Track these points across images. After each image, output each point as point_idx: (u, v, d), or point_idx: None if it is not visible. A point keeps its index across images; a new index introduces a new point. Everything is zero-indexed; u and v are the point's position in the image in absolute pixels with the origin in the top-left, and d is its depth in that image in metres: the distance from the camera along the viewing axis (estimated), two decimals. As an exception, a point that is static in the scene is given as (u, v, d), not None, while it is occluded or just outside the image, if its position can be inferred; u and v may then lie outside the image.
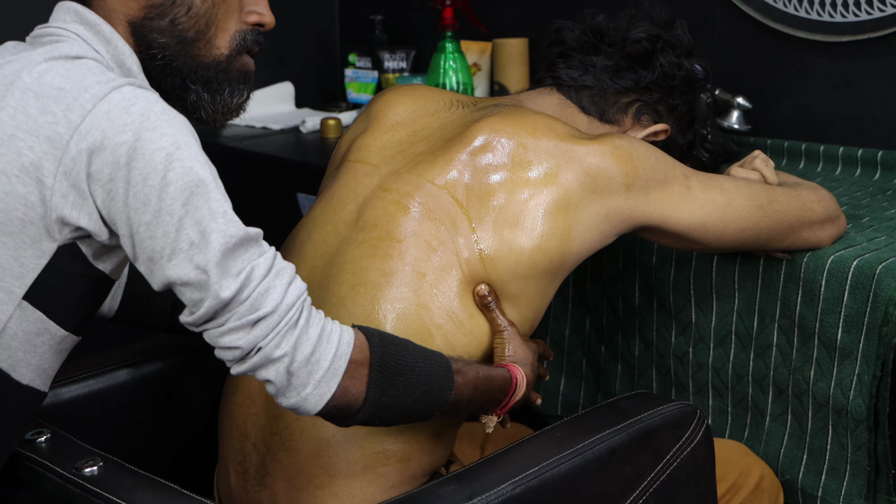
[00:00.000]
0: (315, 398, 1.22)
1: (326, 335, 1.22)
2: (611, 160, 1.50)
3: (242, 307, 1.18)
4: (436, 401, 1.32)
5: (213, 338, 1.21)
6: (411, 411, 1.31)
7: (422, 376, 1.30)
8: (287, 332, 1.19)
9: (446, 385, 1.32)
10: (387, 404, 1.27)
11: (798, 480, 1.69)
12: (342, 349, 1.23)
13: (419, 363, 1.30)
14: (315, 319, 1.22)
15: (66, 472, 1.32)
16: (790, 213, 1.60)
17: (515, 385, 1.43)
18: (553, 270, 1.50)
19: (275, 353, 1.19)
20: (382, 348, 1.27)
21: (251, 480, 1.49)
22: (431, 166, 1.51)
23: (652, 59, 1.70)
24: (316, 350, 1.21)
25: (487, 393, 1.40)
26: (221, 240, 1.16)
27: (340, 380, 1.22)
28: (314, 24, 3.21)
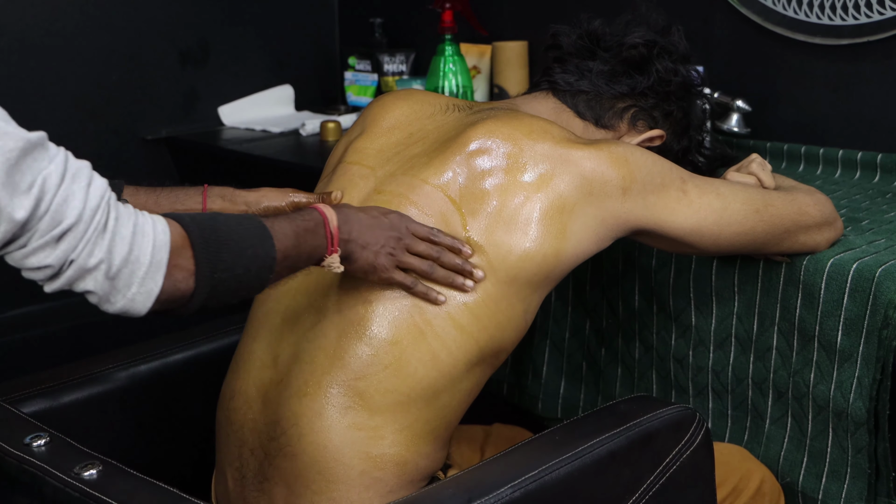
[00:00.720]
0: (143, 296, 1.17)
1: (140, 229, 1.17)
2: (606, 164, 1.50)
3: (43, 223, 1.11)
4: (265, 261, 1.27)
5: (17, 260, 1.14)
6: (246, 280, 1.26)
7: (243, 241, 1.25)
8: (97, 238, 1.14)
9: (268, 242, 1.27)
10: (220, 279, 1.22)
11: (798, 483, 1.69)
12: (160, 239, 1.18)
13: (236, 229, 1.25)
14: (125, 216, 1.17)
15: (65, 476, 1.32)
16: (786, 217, 1.60)
17: (325, 214, 1.37)
18: (547, 271, 1.49)
19: (89, 262, 1.14)
20: (198, 226, 1.22)
21: (249, 486, 1.49)
22: (426, 167, 1.51)
23: (648, 64, 1.71)
24: (133, 248, 1.16)
25: (310, 232, 1.34)
26: (0, 157, 1.09)
27: (165, 271, 1.17)
28: (314, 28, 3.22)
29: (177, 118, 2.98)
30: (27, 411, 1.55)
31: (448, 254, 1.45)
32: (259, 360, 1.51)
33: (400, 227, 1.44)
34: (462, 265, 1.46)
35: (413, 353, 1.43)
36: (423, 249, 1.45)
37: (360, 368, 1.43)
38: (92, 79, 2.81)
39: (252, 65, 3.10)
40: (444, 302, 1.44)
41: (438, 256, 1.45)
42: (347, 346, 1.43)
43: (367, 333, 1.43)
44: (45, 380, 1.62)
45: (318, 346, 1.45)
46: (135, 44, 2.88)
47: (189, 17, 2.97)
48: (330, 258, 1.37)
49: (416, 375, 1.43)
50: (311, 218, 1.35)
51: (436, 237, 1.46)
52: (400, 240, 1.44)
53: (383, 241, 1.42)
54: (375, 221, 1.42)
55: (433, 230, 1.46)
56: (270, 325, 1.52)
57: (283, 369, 1.48)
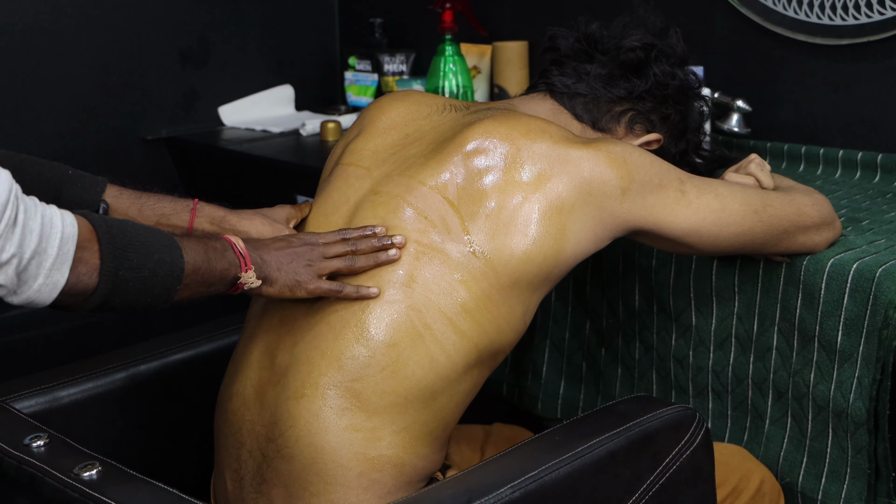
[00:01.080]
0: (48, 287, 1.18)
1: (49, 222, 1.17)
2: (605, 165, 1.50)
3: None
4: (172, 269, 1.27)
5: None
6: (151, 284, 1.26)
7: (150, 246, 1.25)
8: (8, 233, 1.14)
9: (175, 252, 1.28)
10: (124, 278, 1.23)
11: (798, 484, 1.69)
12: (68, 232, 1.18)
13: (142, 234, 1.26)
14: (33, 210, 1.17)
15: (64, 477, 1.32)
16: (784, 218, 1.60)
17: (231, 241, 1.38)
18: (546, 271, 1.49)
19: (2, 257, 1.14)
20: (107, 224, 1.23)
21: (247, 488, 1.49)
22: (423, 168, 1.51)
23: (645, 68, 1.70)
24: (41, 241, 1.16)
25: (218, 251, 1.35)
26: None
27: (71, 263, 1.18)
28: (314, 28, 3.22)
29: (177, 118, 2.98)
30: (27, 411, 1.55)
31: (362, 241, 1.46)
32: (256, 362, 1.51)
33: (309, 240, 1.46)
34: (378, 243, 1.46)
35: (411, 355, 1.43)
36: (338, 250, 1.46)
37: (356, 370, 1.42)
38: (92, 79, 2.81)
39: (252, 65, 3.10)
40: (377, 294, 1.44)
41: (355, 248, 1.46)
42: (344, 347, 1.43)
43: (364, 335, 1.43)
44: (44, 380, 1.62)
45: (315, 348, 1.45)
46: (135, 44, 2.88)
47: (189, 17, 2.97)
48: (246, 275, 1.38)
49: (413, 378, 1.43)
50: (218, 241, 1.37)
51: (345, 234, 1.47)
52: (313, 249, 1.45)
53: (297, 255, 1.44)
54: (284, 244, 1.45)
55: (340, 231, 1.48)
56: (267, 327, 1.52)
57: (280, 371, 1.47)
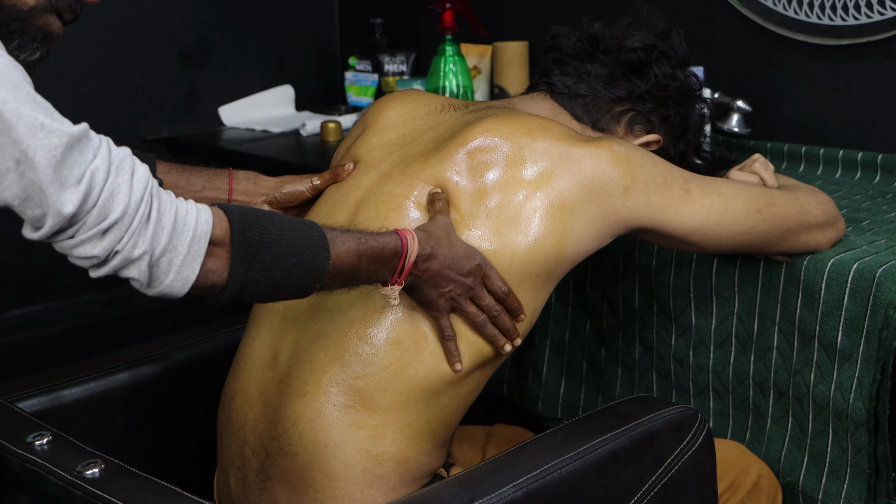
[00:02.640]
0: (179, 283, 1.19)
1: (182, 219, 1.19)
2: (607, 163, 1.50)
3: (90, 217, 1.14)
4: (310, 271, 1.27)
5: (65, 249, 1.16)
6: (284, 284, 1.27)
7: (290, 247, 1.26)
8: (141, 230, 1.16)
9: (320, 254, 1.28)
10: (254, 279, 1.24)
11: (799, 483, 1.69)
12: (200, 229, 1.20)
13: (286, 235, 1.26)
14: (167, 206, 1.19)
15: (67, 475, 1.32)
16: (788, 217, 1.60)
17: (406, 247, 1.37)
18: (549, 270, 1.50)
19: (134, 253, 1.16)
20: (243, 223, 1.23)
21: (251, 485, 1.49)
22: (423, 167, 1.51)
23: (646, 68, 1.70)
24: (173, 237, 1.18)
25: (376, 259, 1.34)
26: (47, 155, 1.11)
27: (202, 260, 1.20)
28: (314, 28, 3.22)
29: (177, 118, 2.98)
30: (30, 410, 1.55)
31: (506, 316, 1.46)
32: (259, 360, 1.51)
33: (476, 275, 1.44)
34: (512, 331, 1.47)
35: (415, 355, 1.43)
36: (486, 304, 1.45)
37: (360, 368, 1.43)
38: (92, 79, 2.81)
39: (252, 65, 3.10)
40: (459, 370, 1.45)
41: (497, 316, 1.46)
42: (348, 345, 1.43)
43: (367, 332, 1.43)
44: (47, 379, 1.63)
45: (319, 346, 1.45)
46: (135, 44, 2.88)
47: (189, 18, 2.97)
48: (389, 289, 1.38)
49: (416, 377, 1.43)
50: (388, 245, 1.35)
51: (506, 297, 1.46)
52: (470, 289, 1.44)
53: (453, 286, 1.42)
54: (457, 263, 1.42)
55: (505, 288, 1.46)
56: (271, 325, 1.52)
57: (283, 368, 1.48)
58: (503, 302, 1.46)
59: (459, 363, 1.44)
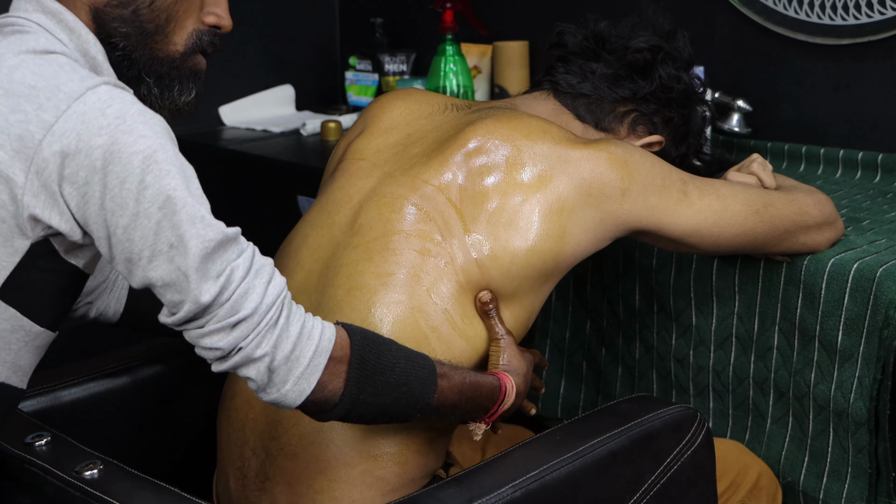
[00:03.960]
0: (295, 394, 1.22)
1: (307, 332, 1.23)
2: (605, 166, 1.50)
3: (222, 310, 1.17)
4: (416, 402, 1.32)
5: (193, 338, 1.21)
6: (390, 411, 1.31)
7: (402, 377, 1.29)
8: (267, 332, 1.20)
9: (428, 388, 1.32)
10: (364, 402, 1.27)
11: (799, 483, 1.69)
12: (322, 346, 1.23)
13: (400, 363, 1.30)
14: (295, 317, 1.22)
15: (66, 476, 1.32)
16: (786, 218, 1.60)
17: (504, 393, 1.43)
18: (547, 272, 1.50)
19: (255, 353, 1.19)
20: (363, 346, 1.27)
21: (250, 485, 1.49)
22: (426, 168, 1.51)
23: (651, 70, 1.70)
24: (296, 348, 1.21)
25: (475, 399, 1.40)
26: (200, 245, 1.16)
27: (320, 376, 1.23)
28: (314, 27, 3.22)
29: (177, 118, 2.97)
30: (29, 410, 1.55)
31: None
32: (260, 360, 1.51)
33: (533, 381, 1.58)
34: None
35: None
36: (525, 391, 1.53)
37: None
38: (93, 78, 2.81)
39: (253, 64, 3.10)
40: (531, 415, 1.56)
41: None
42: (348, 345, 1.43)
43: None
44: (46, 380, 1.62)
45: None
46: (135, 44, 2.87)
47: (190, 17, 2.97)
48: (477, 426, 1.44)
49: None
50: (487, 386, 1.42)
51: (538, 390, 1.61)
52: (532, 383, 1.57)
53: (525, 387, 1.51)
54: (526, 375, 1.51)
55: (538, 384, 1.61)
56: None
57: (283, 369, 1.48)
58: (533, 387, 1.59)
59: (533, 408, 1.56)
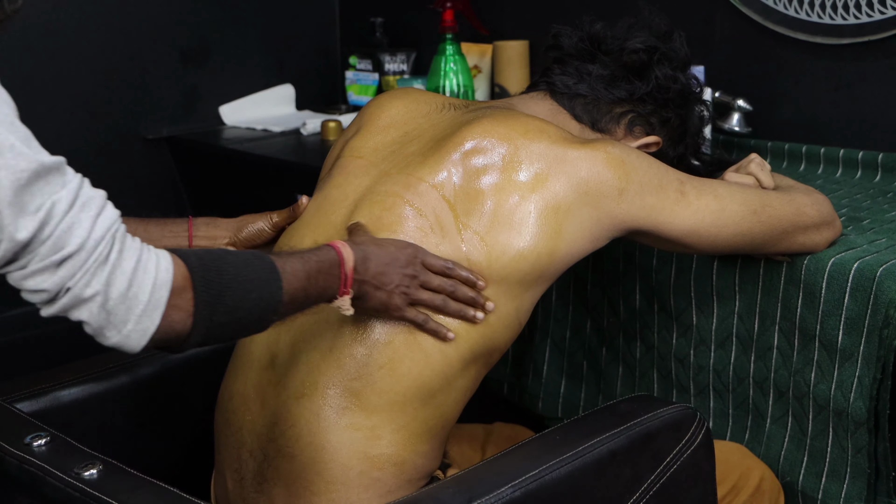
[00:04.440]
0: (137, 334, 1.16)
1: (143, 266, 1.16)
2: (602, 165, 1.50)
3: (44, 247, 1.11)
4: (268, 304, 1.26)
5: (16, 281, 1.14)
6: (247, 323, 1.26)
7: (248, 284, 1.24)
8: (97, 268, 1.13)
9: (275, 285, 1.26)
10: (219, 323, 1.21)
11: (798, 483, 1.69)
12: (161, 277, 1.17)
13: (242, 272, 1.24)
14: (129, 250, 1.16)
15: (65, 476, 1.32)
16: (784, 218, 1.60)
17: (342, 255, 1.35)
18: (541, 270, 1.49)
19: (85, 292, 1.13)
20: (202, 268, 1.21)
21: (248, 487, 1.49)
22: (422, 166, 1.51)
23: (648, 70, 1.70)
24: (132, 284, 1.15)
25: (322, 273, 1.33)
26: (10, 176, 1.08)
27: (164, 310, 1.17)
28: (315, 27, 3.22)
29: (178, 117, 2.98)
30: (27, 411, 1.55)
31: (462, 287, 1.45)
32: (257, 362, 1.51)
33: (415, 264, 1.43)
34: (475, 297, 1.46)
35: (406, 353, 1.43)
36: (437, 284, 1.44)
37: (355, 369, 1.43)
38: (93, 78, 2.81)
39: (253, 64, 3.10)
40: (452, 339, 1.44)
41: (453, 290, 1.45)
42: (343, 346, 1.43)
43: (361, 334, 1.43)
44: (45, 379, 1.63)
45: (315, 347, 1.45)
46: (135, 43, 2.88)
47: (190, 17, 2.97)
48: (341, 300, 1.36)
49: (410, 375, 1.43)
50: (326, 258, 1.34)
51: (451, 271, 1.45)
52: (415, 277, 1.43)
53: (398, 279, 1.41)
54: (392, 259, 1.41)
55: (448, 264, 1.45)
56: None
57: (280, 370, 1.48)
58: (452, 276, 1.46)
59: (450, 332, 1.44)
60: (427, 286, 1.44)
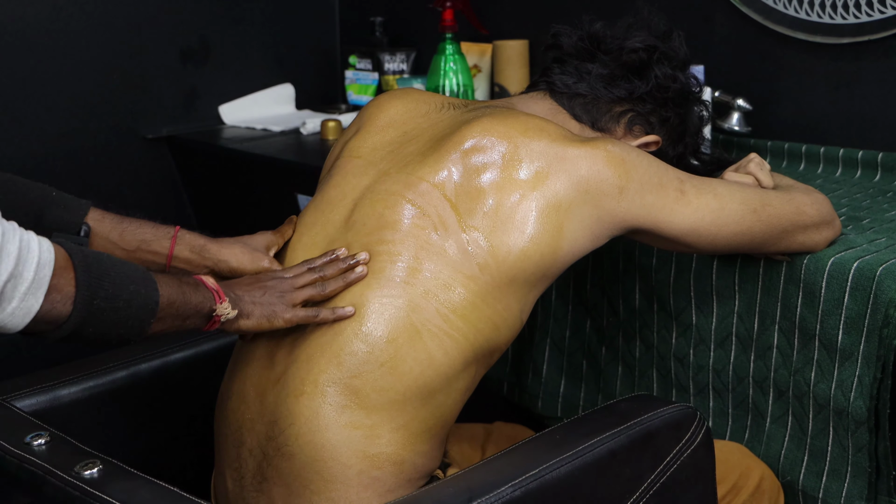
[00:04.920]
0: (21, 312, 1.17)
1: (26, 246, 1.18)
2: (602, 164, 1.50)
3: None
4: (146, 301, 1.28)
5: None
6: (126, 316, 1.26)
7: (125, 277, 1.26)
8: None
9: (150, 284, 1.28)
10: (99, 308, 1.23)
11: (799, 482, 1.69)
12: (45, 258, 1.18)
13: (118, 266, 1.26)
14: (11, 232, 1.17)
15: (65, 475, 1.32)
16: (783, 217, 1.60)
17: (202, 278, 1.39)
18: (544, 269, 1.49)
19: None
20: (82, 253, 1.23)
21: (248, 486, 1.49)
22: (422, 165, 1.51)
23: (647, 69, 1.70)
24: (18, 264, 1.16)
25: (191, 285, 1.36)
26: None
27: (47, 289, 1.18)
28: (314, 26, 3.22)
29: (177, 117, 2.98)
30: (27, 410, 1.55)
31: (328, 267, 1.47)
32: (256, 360, 1.51)
33: (276, 275, 1.48)
34: (344, 264, 1.47)
35: (408, 352, 1.43)
36: (306, 279, 1.47)
37: (355, 366, 1.43)
38: (92, 77, 2.81)
39: (253, 63, 3.10)
40: (352, 314, 1.45)
41: (322, 274, 1.47)
42: (343, 343, 1.43)
43: (362, 331, 1.43)
44: (45, 379, 1.63)
45: (315, 345, 1.45)
46: (135, 42, 2.88)
47: (190, 16, 2.97)
48: (221, 306, 1.39)
49: (411, 374, 1.43)
50: (190, 277, 1.38)
51: (310, 264, 1.49)
52: (283, 282, 1.47)
53: (269, 288, 1.45)
54: (253, 280, 1.46)
55: (304, 262, 1.49)
56: None
57: (280, 369, 1.48)
58: (314, 265, 1.48)
59: (348, 307, 1.45)
60: (298, 286, 1.47)
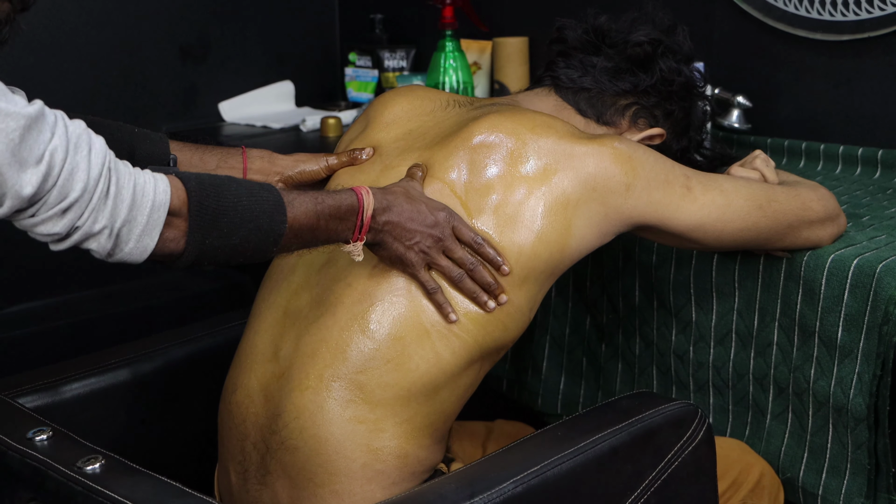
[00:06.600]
0: (139, 251, 1.23)
1: (140, 190, 1.22)
2: (610, 160, 1.50)
3: (51, 196, 1.16)
4: (268, 235, 1.30)
5: (26, 227, 1.20)
6: (242, 249, 1.30)
7: (247, 213, 1.28)
8: (101, 206, 1.19)
9: (277, 218, 1.30)
10: (212, 246, 1.27)
11: (799, 479, 1.69)
12: (159, 199, 1.23)
13: (243, 201, 1.29)
14: (125, 179, 1.22)
15: (68, 470, 1.32)
16: (789, 213, 1.60)
17: (362, 202, 1.38)
18: (553, 265, 1.50)
19: (94, 228, 1.20)
20: (201, 192, 1.26)
21: (252, 480, 1.49)
22: (430, 162, 1.51)
23: (652, 63, 1.71)
24: (132, 208, 1.21)
25: (334, 217, 1.35)
26: (3, 139, 1.12)
27: (161, 230, 1.23)
28: (314, 23, 3.21)
29: (177, 114, 2.97)
30: (30, 406, 1.55)
31: (484, 269, 1.45)
32: (261, 354, 1.51)
33: (444, 227, 1.44)
34: (493, 284, 1.45)
35: (416, 350, 1.43)
36: (459, 256, 1.44)
37: (361, 362, 1.43)
38: (92, 74, 2.81)
39: (252, 60, 3.10)
40: (455, 321, 1.44)
41: (473, 269, 1.45)
42: (349, 339, 1.43)
43: (369, 328, 1.43)
44: (47, 374, 1.63)
45: (321, 340, 1.45)
46: (135, 39, 2.87)
47: (189, 13, 2.97)
48: (353, 245, 1.38)
49: (417, 371, 1.43)
50: (344, 203, 1.36)
51: (480, 246, 1.45)
52: (440, 240, 1.43)
53: (420, 237, 1.42)
54: (419, 216, 1.42)
55: (479, 238, 1.45)
56: (273, 320, 1.53)
57: (284, 363, 1.48)
58: (479, 253, 1.45)
59: (453, 313, 1.44)
60: (449, 254, 1.44)
